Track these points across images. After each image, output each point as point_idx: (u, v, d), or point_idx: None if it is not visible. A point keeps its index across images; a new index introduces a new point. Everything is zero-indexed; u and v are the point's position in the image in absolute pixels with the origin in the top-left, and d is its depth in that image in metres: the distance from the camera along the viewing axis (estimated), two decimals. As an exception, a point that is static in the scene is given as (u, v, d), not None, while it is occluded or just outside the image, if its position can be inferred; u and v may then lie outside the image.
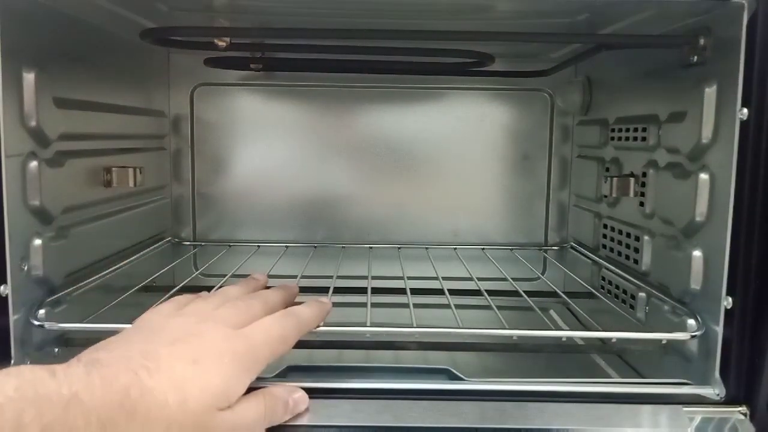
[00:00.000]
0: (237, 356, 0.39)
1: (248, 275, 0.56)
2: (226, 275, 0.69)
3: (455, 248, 0.85)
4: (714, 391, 0.48)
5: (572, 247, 0.86)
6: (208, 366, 0.37)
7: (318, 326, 0.48)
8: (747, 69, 0.45)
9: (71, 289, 0.56)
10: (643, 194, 0.64)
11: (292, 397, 0.43)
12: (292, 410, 0.43)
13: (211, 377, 0.37)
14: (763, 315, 0.46)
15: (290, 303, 0.51)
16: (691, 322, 0.51)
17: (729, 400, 0.47)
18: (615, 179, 0.67)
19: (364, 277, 0.71)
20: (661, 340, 0.53)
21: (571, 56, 0.75)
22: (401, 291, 0.66)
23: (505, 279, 0.72)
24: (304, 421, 0.44)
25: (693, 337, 0.49)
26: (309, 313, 0.47)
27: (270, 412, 0.41)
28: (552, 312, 0.78)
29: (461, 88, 0.87)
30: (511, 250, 0.86)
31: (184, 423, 0.35)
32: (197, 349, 0.38)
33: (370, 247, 0.85)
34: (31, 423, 0.28)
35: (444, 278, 0.69)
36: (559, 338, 0.53)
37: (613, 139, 0.73)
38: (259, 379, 0.47)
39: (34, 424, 0.28)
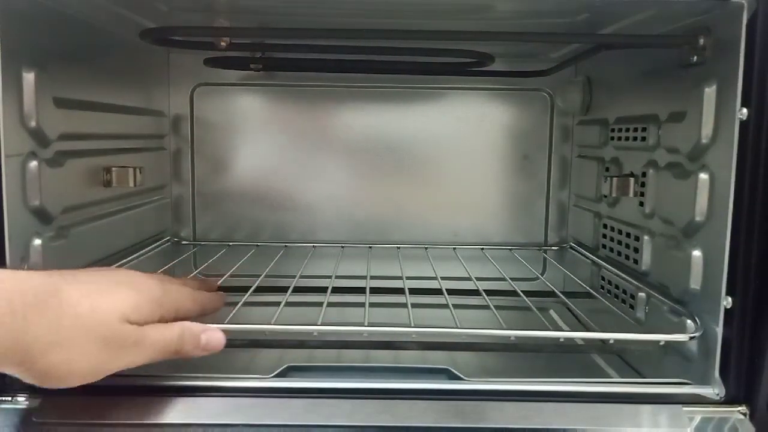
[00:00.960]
0: (149, 291, 0.44)
1: (247, 275, 0.57)
2: (225, 275, 0.69)
3: (455, 248, 0.85)
4: (714, 390, 0.48)
5: (572, 247, 0.86)
6: (120, 290, 0.42)
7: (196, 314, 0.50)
8: (747, 69, 0.45)
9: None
10: (642, 194, 0.64)
11: (205, 334, 0.45)
12: (204, 347, 0.45)
13: (121, 297, 0.41)
14: (763, 315, 0.46)
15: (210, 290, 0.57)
16: (690, 323, 0.51)
17: (729, 400, 0.47)
18: (615, 179, 0.67)
19: (363, 277, 0.71)
20: (659, 341, 0.52)
21: (571, 56, 0.75)
22: (400, 291, 0.66)
23: (504, 279, 0.72)
24: (304, 420, 0.44)
25: (692, 338, 0.49)
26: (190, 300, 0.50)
27: (178, 341, 0.44)
28: (552, 312, 0.78)
29: (461, 88, 0.87)
30: (511, 250, 0.85)
31: (93, 327, 0.38)
32: (113, 278, 0.43)
33: (370, 247, 0.85)
34: None
35: (443, 278, 0.69)
36: (557, 339, 0.53)
37: (613, 139, 0.73)
38: (259, 378, 0.47)
39: None
